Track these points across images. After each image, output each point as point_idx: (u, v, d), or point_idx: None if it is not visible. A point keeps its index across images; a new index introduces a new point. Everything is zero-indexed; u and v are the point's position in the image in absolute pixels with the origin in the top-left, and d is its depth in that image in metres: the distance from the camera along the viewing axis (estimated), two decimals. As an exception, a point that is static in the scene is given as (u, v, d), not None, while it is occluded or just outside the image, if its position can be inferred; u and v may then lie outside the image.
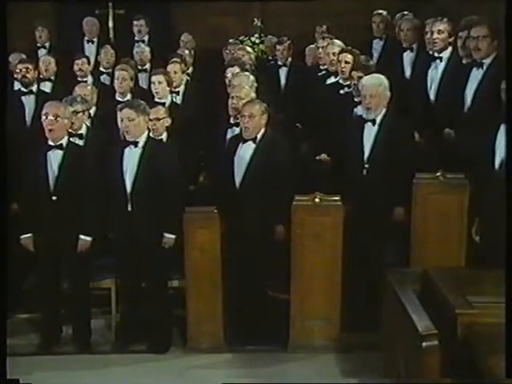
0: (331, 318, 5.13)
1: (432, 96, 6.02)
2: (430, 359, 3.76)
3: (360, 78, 5.61)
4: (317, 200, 5.08)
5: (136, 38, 8.41)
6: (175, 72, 6.77)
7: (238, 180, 5.29)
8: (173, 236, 5.14)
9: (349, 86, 6.07)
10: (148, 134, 5.23)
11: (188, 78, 7.33)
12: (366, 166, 5.33)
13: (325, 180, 5.82)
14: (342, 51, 6.35)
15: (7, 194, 4.85)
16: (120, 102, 5.68)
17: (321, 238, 5.07)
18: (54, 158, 5.12)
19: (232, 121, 5.69)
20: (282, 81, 7.76)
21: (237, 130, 5.54)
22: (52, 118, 5.07)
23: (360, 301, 5.17)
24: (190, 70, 7.81)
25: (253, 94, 5.71)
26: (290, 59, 7.80)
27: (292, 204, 5.07)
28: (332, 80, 6.50)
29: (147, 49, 7.87)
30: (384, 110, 5.37)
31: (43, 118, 5.11)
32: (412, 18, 6.97)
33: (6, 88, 4.99)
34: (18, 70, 6.75)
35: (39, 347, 5.28)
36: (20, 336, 5.47)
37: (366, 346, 5.00)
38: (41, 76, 7.05)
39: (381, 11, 7.63)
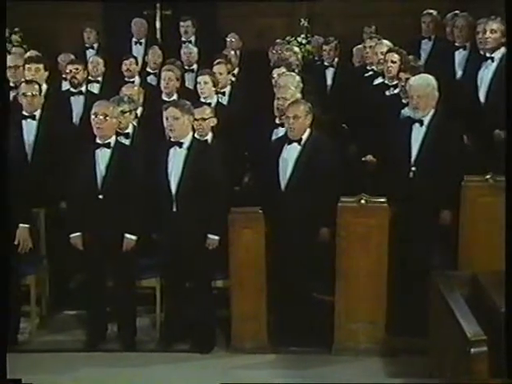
0: (376, 321, 5.08)
1: (482, 97, 5.92)
2: (479, 365, 3.69)
3: (408, 79, 5.54)
4: (362, 201, 5.04)
5: (183, 39, 8.47)
6: (221, 73, 6.80)
7: (283, 182, 5.27)
8: (216, 237, 5.14)
9: (395, 87, 6.01)
10: (193, 135, 5.26)
11: (234, 78, 7.35)
12: (413, 167, 5.26)
13: (371, 181, 5.77)
14: (388, 51, 6.29)
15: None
16: (166, 102, 5.71)
17: (366, 240, 5.03)
18: (102, 156, 5.17)
19: (278, 121, 5.68)
20: (329, 81, 7.73)
21: (282, 131, 5.52)
22: (101, 117, 5.13)
23: (406, 304, 5.11)
24: (236, 70, 7.83)
25: (298, 95, 5.69)
26: (336, 59, 7.78)
27: (337, 205, 5.03)
28: (379, 80, 6.45)
29: (195, 49, 7.92)
30: (432, 111, 5.30)
31: (92, 117, 5.17)
32: (467, 16, 6.85)
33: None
34: (67, 71, 6.84)
35: (85, 344, 5.34)
36: (67, 332, 5.55)
37: (412, 350, 4.94)
38: (89, 77, 7.12)
39: (431, 11, 7.54)
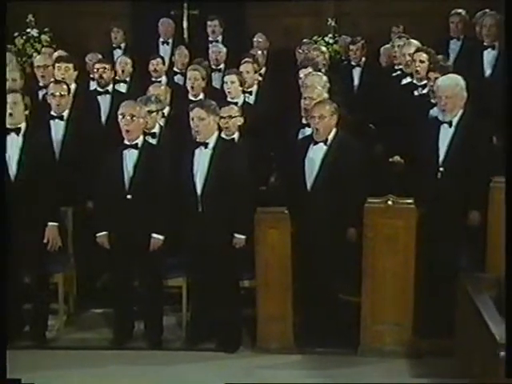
0: (403, 323, 5.05)
1: (512, 97, 5.85)
2: (507, 368, 3.64)
3: (436, 78, 5.50)
4: (389, 202, 5.01)
5: (210, 39, 8.48)
6: (248, 72, 6.80)
7: (309, 182, 5.26)
8: (243, 236, 5.15)
9: (424, 87, 5.96)
10: (218, 135, 5.26)
11: (261, 78, 7.35)
12: (441, 168, 5.22)
13: (398, 182, 5.74)
14: (416, 50, 6.25)
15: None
16: (192, 102, 5.73)
17: (393, 241, 5.00)
18: (130, 157, 5.20)
19: (304, 121, 5.67)
20: (356, 81, 7.70)
21: (309, 131, 5.51)
22: (128, 117, 5.16)
23: (433, 305, 5.07)
24: (263, 70, 7.83)
25: (325, 95, 5.68)
26: (363, 59, 7.73)
27: (364, 206, 5.01)
28: (407, 80, 6.40)
29: (224, 49, 7.91)
30: (461, 112, 5.25)
31: (120, 117, 5.20)
32: (495, 14, 6.78)
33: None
34: (95, 70, 6.89)
35: (112, 342, 5.37)
36: (94, 330, 5.60)
37: (438, 352, 4.90)
38: (116, 77, 7.16)
39: (459, 10, 7.47)
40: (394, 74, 6.81)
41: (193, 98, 6.50)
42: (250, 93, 6.81)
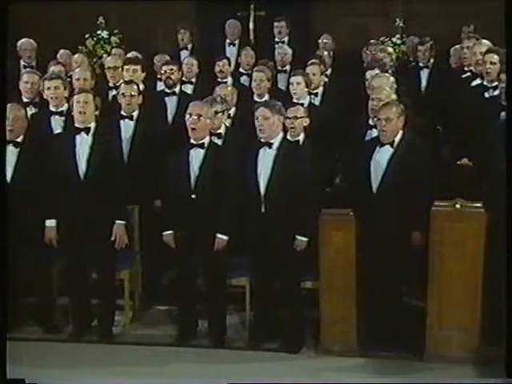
0: (470, 329, 4.94)
1: None
2: None
3: (508, 80, 5.36)
4: (457, 206, 4.91)
5: (276, 39, 8.50)
6: (314, 73, 6.77)
7: (374, 184, 5.21)
8: (305, 239, 5.12)
9: (495, 88, 5.83)
10: (283, 136, 5.26)
11: (326, 79, 7.32)
12: (513, 172, 5.09)
13: (466, 185, 5.62)
14: (487, 51, 6.12)
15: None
16: (258, 103, 5.74)
17: (461, 246, 4.90)
18: (196, 156, 5.24)
19: (371, 123, 5.61)
20: (423, 82, 7.60)
21: (375, 133, 5.45)
22: (195, 117, 5.20)
23: (502, 312, 4.94)
24: (329, 71, 7.79)
25: (393, 96, 5.61)
26: (432, 60, 7.63)
27: (431, 209, 4.92)
28: (477, 82, 6.27)
29: (290, 50, 7.92)
30: (533, 114, 5.10)
31: (187, 117, 5.25)
32: None
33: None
34: (162, 71, 6.98)
35: (176, 339, 5.43)
36: (158, 327, 5.67)
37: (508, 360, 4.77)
38: (183, 78, 7.24)
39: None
40: (464, 76, 6.68)
41: (258, 99, 6.53)
42: (316, 94, 6.78)
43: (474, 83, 6.34)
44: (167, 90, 6.88)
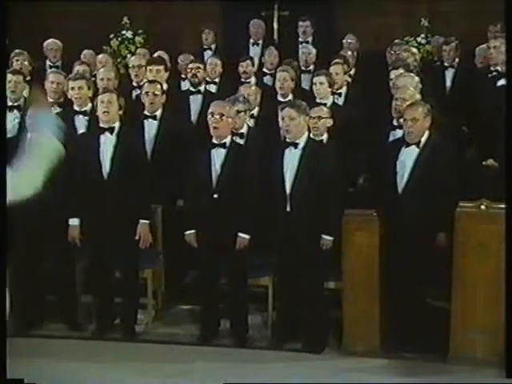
0: (495, 331, 4.87)
1: None
2: None
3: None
4: (482, 207, 4.86)
5: (300, 39, 8.48)
6: (337, 73, 6.76)
7: (400, 185, 5.17)
8: (331, 238, 5.12)
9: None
10: (308, 136, 5.25)
11: (350, 79, 7.29)
12: (539, 173, 5.02)
13: (492, 186, 5.56)
14: (514, 51, 6.03)
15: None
16: (281, 103, 5.74)
17: (485, 247, 4.84)
18: (218, 156, 5.25)
19: (395, 123, 5.58)
20: (448, 83, 7.53)
21: (400, 133, 5.42)
22: (217, 116, 5.21)
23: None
24: (353, 71, 7.76)
25: (418, 96, 5.57)
26: (457, 60, 7.56)
27: (456, 210, 4.88)
28: (502, 82, 6.20)
29: (314, 50, 7.90)
30: (561, 114, 5.04)
31: (209, 116, 5.26)
32: None
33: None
34: (188, 70, 7.00)
35: (198, 338, 5.44)
36: (181, 326, 5.68)
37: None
38: (207, 78, 7.25)
39: None
40: (490, 76, 6.61)
41: (282, 99, 6.52)
42: (340, 94, 6.76)
43: (499, 83, 6.27)
44: (192, 89, 6.88)
